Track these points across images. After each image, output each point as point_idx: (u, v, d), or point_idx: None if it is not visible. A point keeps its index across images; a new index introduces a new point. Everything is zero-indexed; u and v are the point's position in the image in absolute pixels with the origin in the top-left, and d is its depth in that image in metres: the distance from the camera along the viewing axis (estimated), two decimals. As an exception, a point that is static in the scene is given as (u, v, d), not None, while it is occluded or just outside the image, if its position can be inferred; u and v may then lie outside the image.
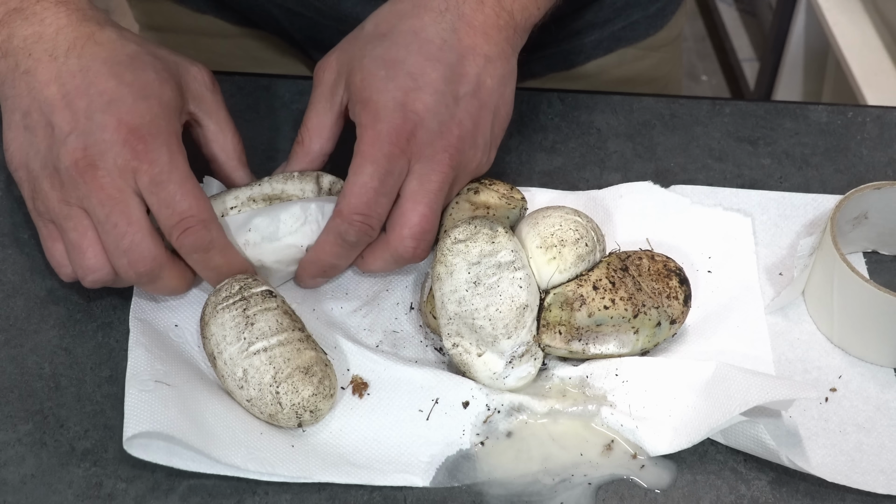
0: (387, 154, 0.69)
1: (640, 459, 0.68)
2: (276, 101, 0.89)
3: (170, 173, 0.67)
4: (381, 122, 0.69)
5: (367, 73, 0.70)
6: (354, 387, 0.71)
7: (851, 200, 0.76)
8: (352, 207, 0.69)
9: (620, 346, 0.71)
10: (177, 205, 0.67)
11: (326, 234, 0.72)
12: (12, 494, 0.65)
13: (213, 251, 0.69)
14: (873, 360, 0.75)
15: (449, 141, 0.71)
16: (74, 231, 0.68)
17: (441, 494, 0.67)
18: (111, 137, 0.66)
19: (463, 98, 0.71)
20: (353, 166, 0.70)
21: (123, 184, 0.66)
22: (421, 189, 0.70)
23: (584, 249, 0.71)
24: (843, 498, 0.68)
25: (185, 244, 0.68)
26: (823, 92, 2.02)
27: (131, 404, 0.65)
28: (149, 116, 0.67)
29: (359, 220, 0.70)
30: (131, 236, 0.66)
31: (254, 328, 0.68)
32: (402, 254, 0.71)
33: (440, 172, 0.70)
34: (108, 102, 0.67)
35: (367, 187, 0.69)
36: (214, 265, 0.70)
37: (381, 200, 0.70)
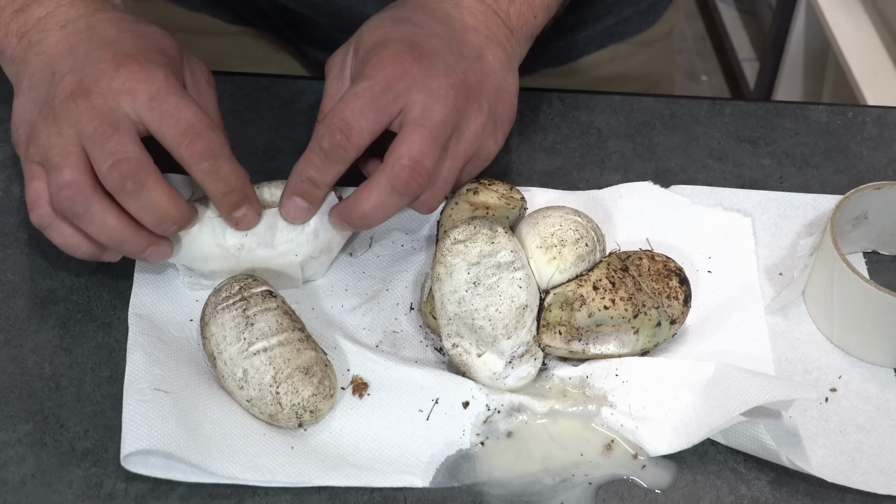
0: (386, 75, 0.68)
1: (641, 459, 0.68)
2: (276, 101, 0.89)
3: (168, 89, 0.67)
4: (387, 49, 0.69)
5: (374, 27, 0.71)
6: (354, 387, 0.71)
7: (851, 200, 0.76)
8: (335, 112, 0.68)
9: (620, 347, 0.71)
10: (180, 113, 0.66)
11: (310, 144, 0.70)
12: (12, 494, 0.65)
13: (222, 159, 0.68)
14: (873, 360, 0.75)
15: (454, 81, 0.70)
16: (58, 155, 0.67)
17: (441, 495, 0.66)
18: (106, 66, 0.67)
19: (466, 58, 0.72)
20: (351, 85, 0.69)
21: (116, 104, 0.66)
22: (423, 116, 0.69)
23: (584, 249, 0.71)
24: (843, 498, 0.68)
25: (195, 150, 0.67)
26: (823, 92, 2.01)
27: (129, 418, 0.65)
28: (145, 48, 0.69)
29: (338, 126, 0.68)
30: (118, 138, 0.66)
31: (254, 328, 0.68)
32: (399, 175, 0.68)
33: (444, 106, 0.69)
34: (107, 43, 0.69)
35: (357, 96, 0.68)
36: (224, 174, 0.68)
37: (368, 115, 0.68)
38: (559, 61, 0.99)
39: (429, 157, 0.69)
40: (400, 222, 0.80)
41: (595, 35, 0.98)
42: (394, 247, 0.79)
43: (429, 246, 0.79)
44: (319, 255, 0.74)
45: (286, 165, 0.83)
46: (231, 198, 0.70)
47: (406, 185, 0.69)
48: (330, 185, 0.71)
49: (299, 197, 0.72)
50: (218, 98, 0.75)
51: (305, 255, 0.74)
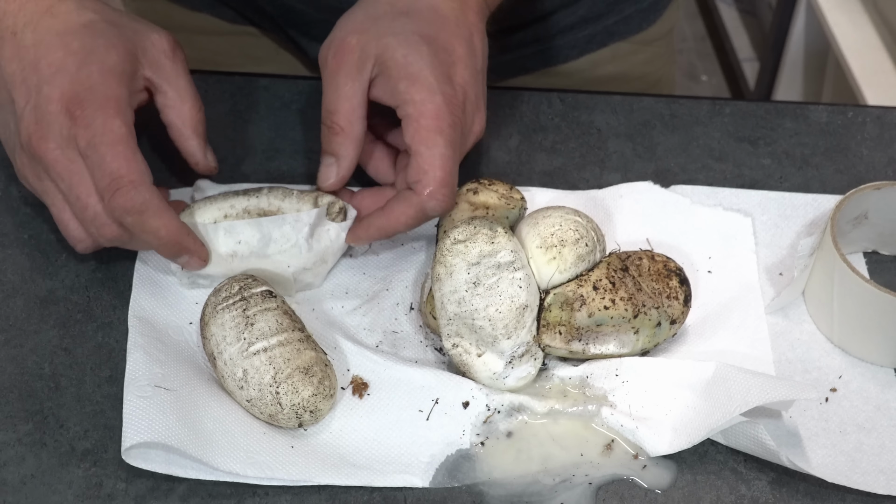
0: (451, 124, 0.70)
1: (641, 460, 0.68)
2: (276, 101, 0.89)
3: (102, 136, 0.67)
4: (439, 95, 0.70)
5: (408, 48, 0.71)
6: (354, 387, 0.71)
7: (851, 200, 0.76)
8: (439, 181, 0.70)
9: (620, 347, 0.71)
10: (106, 166, 0.67)
11: (406, 208, 0.71)
12: (12, 494, 0.65)
13: (147, 213, 0.67)
14: (873, 360, 0.75)
15: (482, 114, 0.74)
16: (54, 206, 0.70)
17: (441, 495, 0.66)
18: (55, 108, 0.68)
19: (479, 72, 0.74)
20: (426, 141, 0.70)
21: (73, 154, 0.67)
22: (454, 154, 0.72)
23: (584, 249, 0.71)
24: (843, 498, 0.68)
25: (115, 207, 0.67)
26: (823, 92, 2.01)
27: (129, 412, 0.65)
28: (88, 83, 0.68)
29: (445, 195, 0.70)
30: (92, 207, 0.67)
31: (254, 328, 0.68)
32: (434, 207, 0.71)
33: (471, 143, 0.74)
34: (54, 73, 0.68)
35: (447, 158, 0.70)
36: (150, 228, 0.68)
37: (457, 169, 0.71)
38: (559, 60, 0.99)
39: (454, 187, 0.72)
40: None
41: (596, 34, 0.98)
42: (394, 247, 0.79)
43: (429, 246, 0.79)
44: (313, 267, 0.74)
45: (286, 165, 0.84)
46: (166, 250, 0.70)
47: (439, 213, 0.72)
48: None
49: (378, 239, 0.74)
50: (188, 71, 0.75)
51: (298, 267, 0.73)
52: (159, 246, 0.70)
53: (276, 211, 0.74)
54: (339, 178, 0.74)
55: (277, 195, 0.74)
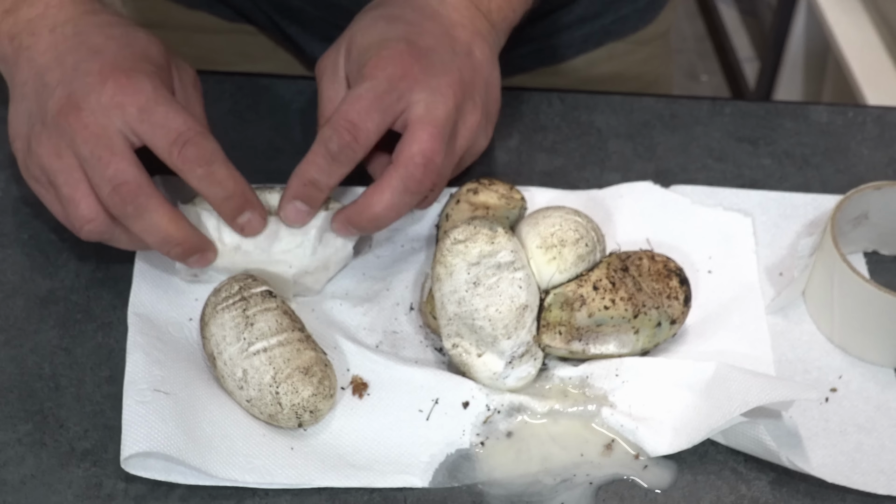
0: (388, 75, 0.69)
1: (641, 460, 0.68)
2: (276, 101, 0.89)
3: (157, 99, 0.67)
4: (385, 50, 0.69)
5: (366, 28, 0.71)
6: (354, 387, 0.71)
7: (851, 200, 0.76)
8: (340, 114, 0.68)
9: (621, 347, 0.71)
10: (171, 122, 0.67)
11: (313, 146, 0.70)
12: (12, 494, 0.65)
13: (216, 163, 0.68)
14: (873, 360, 0.75)
15: (452, 78, 0.70)
16: (66, 185, 0.68)
17: (441, 495, 0.66)
18: (94, 80, 0.67)
19: (458, 55, 0.72)
20: (353, 87, 0.69)
21: (107, 121, 0.67)
22: (428, 115, 0.69)
23: (584, 249, 0.71)
24: (843, 498, 0.68)
25: (187, 157, 0.67)
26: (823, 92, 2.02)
27: (128, 420, 0.65)
28: (132, 59, 0.68)
29: (345, 128, 0.68)
30: (115, 164, 0.66)
31: (253, 328, 0.68)
32: (413, 174, 0.69)
33: (446, 104, 0.70)
34: (95, 52, 0.69)
35: (361, 97, 0.68)
36: (219, 178, 0.68)
37: (374, 116, 0.68)
38: (556, 59, 1.00)
39: (438, 154, 0.69)
40: (400, 222, 0.80)
41: (592, 33, 0.98)
42: (394, 247, 0.79)
43: (429, 246, 0.79)
44: (314, 272, 0.74)
45: (286, 166, 0.83)
46: (231, 203, 0.69)
47: (420, 183, 0.69)
48: (332, 188, 0.71)
49: (300, 201, 0.71)
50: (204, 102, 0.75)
51: (300, 269, 0.73)
52: (226, 198, 0.69)
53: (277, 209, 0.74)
54: None
55: (278, 193, 0.74)
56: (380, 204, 0.70)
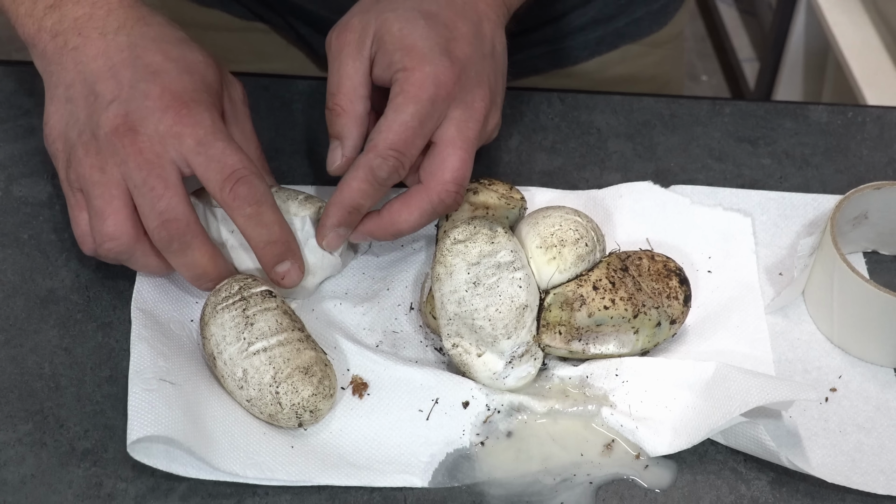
0: (432, 96, 0.68)
1: (641, 460, 0.68)
2: (276, 101, 0.89)
3: (215, 133, 0.67)
4: (429, 65, 0.69)
5: (405, 21, 0.70)
6: (354, 387, 0.71)
7: (851, 200, 0.76)
8: (388, 143, 0.68)
9: (620, 347, 0.71)
10: (227, 159, 0.67)
11: (355, 171, 0.69)
12: (12, 494, 0.65)
13: (265, 205, 0.68)
14: (873, 360, 0.75)
15: (484, 91, 0.71)
16: (100, 198, 0.67)
17: (441, 494, 0.66)
18: (154, 105, 0.67)
19: (486, 58, 0.72)
20: (394, 105, 0.69)
21: (162, 150, 0.67)
22: (459, 136, 0.69)
23: (584, 249, 0.71)
24: (843, 498, 0.68)
25: (239, 195, 0.67)
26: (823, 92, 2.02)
27: (135, 405, 0.65)
28: (192, 87, 0.69)
29: (393, 156, 0.68)
30: (168, 199, 0.66)
31: (253, 328, 0.68)
32: (444, 199, 0.69)
33: (476, 120, 0.70)
34: (153, 73, 0.68)
35: (408, 125, 0.68)
36: (267, 221, 0.68)
37: (417, 142, 0.69)
38: (569, 62, 1.00)
39: (468, 177, 0.70)
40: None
41: (606, 35, 0.98)
42: (394, 247, 0.79)
43: (429, 246, 0.79)
44: None
45: (286, 165, 0.84)
46: (273, 249, 0.69)
47: (448, 207, 0.70)
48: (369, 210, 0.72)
49: (342, 227, 0.71)
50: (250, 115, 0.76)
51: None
52: (269, 244, 0.69)
53: None
54: (345, 159, 0.72)
55: (281, 195, 0.74)
56: (406, 223, 0.70)
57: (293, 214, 0.73)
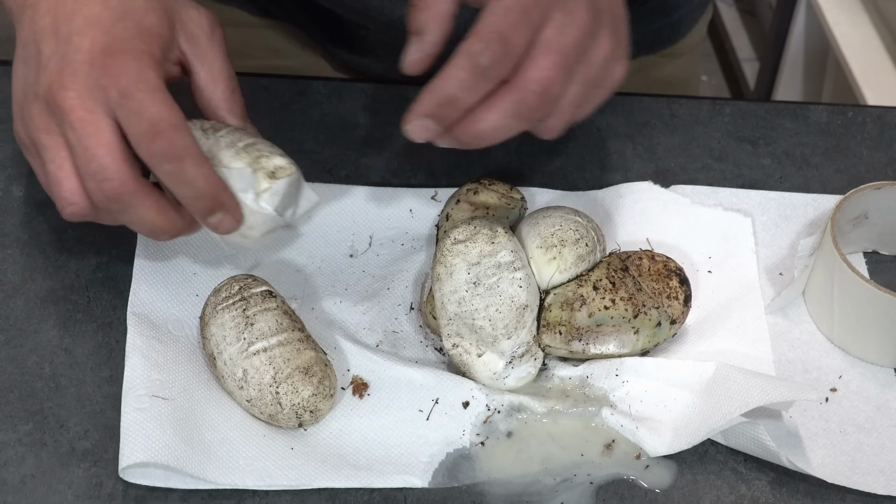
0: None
1: (642, 460, 0.68)
2: (276, 101, 0.89)
3: (137, 83, 0.64)
4: None
5: None
6: (354, 387, 0.71)
7: (851, 200, 0.76)
8: (490, 26, 0.63)
9: (620, 347, 0.71)
10: (145, 111, 0.63)
11: (454, 59, 0.63)
12: (12, 494, 0.65)
13: (187, 160, 0.64)
14: (873, 360, 0.75)
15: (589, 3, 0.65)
16: (52, 162, 0.66)
17: (441, 495, 0.66)
18: (83, 58, 0.65)
19: None
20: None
21: (94, 105, 0.64)
22: (556, 38, 0.64)
23: (584, 249, 0.71)
24: (843, 498, 0.68)
25: (155, 151, 0.63)
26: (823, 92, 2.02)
27: (127, 428, 0.65)
28: (123, 35, 0.66)
29: (496, 40, 0.62)
30: (100, 158, 0.64)
31: (253, 328, 0.68)
32: (526, 100, 0.64)
33: (577, 27, 0.64)
34: (87, 25, 0.66)
35: (510, 8, 0.63)
36: (189, 177, 0.64)
37: (521, 30, 0.63)
38: None
39: (557, 84, 0.64)
40: (400, 221, 0.80)
41: None
42: (394, 246, 0.79)
43: (429, 246, 0.79)
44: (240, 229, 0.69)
45: (286, 165, 0.84)
46: (200, 203, 0.66)
47: (533, 111, 0.65)
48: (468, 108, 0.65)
49: (432, 119, 0.65)
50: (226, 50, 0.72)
51: None
52: (194, 198, 0.66)
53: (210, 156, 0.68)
54: (423, 55, 0.67)
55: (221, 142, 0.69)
56: (486, 122, 0.65)
57: (224, 166, 0.68)
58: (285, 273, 0.77)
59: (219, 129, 0.69)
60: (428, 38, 0.67)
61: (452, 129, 0.66)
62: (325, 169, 0.84)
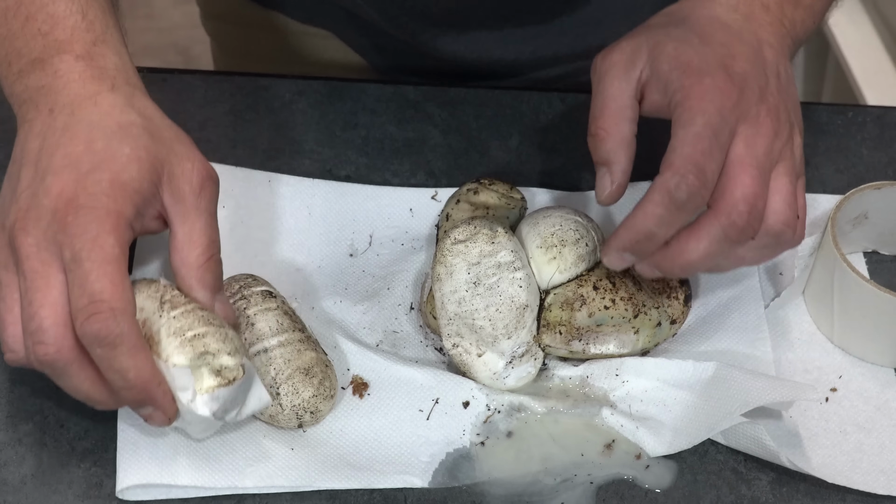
0: (719, 107, 0.63)
1: (642, 460, 0.68)
2: (276, 101, 0.89)
3: (90, 251, 0.59)
4: (708, 77, 0.64)
5: (679, 41, 0.66)
6: (354, 387, 0.71)
7: (851, 200, 0.76)
8: (685, 157, 0.62)
9: (621, 347, 0.71)
10: (88, 284, 0.59)
11: (650, 195, 0.63)
12: (12, 494, 0.65)
13: (120, 349, 0.59)
14: (873, 360, 0.75)
15: (769, 106, 0.66)
16: (3, 301, 0.62)
17: (441, 494, 0.66)
18: (49, 204, 0.61)
19: (769, 76, 0.67)
20: (682, 121, 0.64)
21: (49, 257, 0.60)
22: (748, 152, 0.64)
23: (584, 249, 0.71)
24: (843, 498, 0.68)
25: (88, 331, 0.59)
26: (823, 92, 2.01)
27: (123, 448, 0.65)
28: (93, 190, 0.61)
29: (692, 172, 0.62)
30: (40, 319, 0.59)
31: (254, 329, 0.68)
32: (735, 222, 0.63)
33: (765, 136, 0.65)
34: (65, 166, 0.62)
35: (701, 136, 0.62)
36: (119, 366, 0.59)
37: (715, 154, 0.63)
38: None
39: (762, 198, 0.64)
40: (400, 221, 0.80)
41: None
42: (394, 246, 0.79)
43: (429, 246, 0.79)
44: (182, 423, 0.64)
45: (286, 166, 0.84)
46: (128, 394, 0.61)
47: (742, 232, 0.64)
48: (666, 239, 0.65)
49: (630, 252, 0.66)
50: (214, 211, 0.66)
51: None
52: (122, 388, 0.60)
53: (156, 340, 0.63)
54: (616, 185, 0.67)
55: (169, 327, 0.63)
56: (696, 252, 0.64)
57: (163, 360, 0.62)
58: (285, 273, 0.77)
59: (177, 305, 0.63)
60: (617, 168, 0.67)
61: (659, 261, 0.66)
62: (325, 169, 0.84)
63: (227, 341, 0.63)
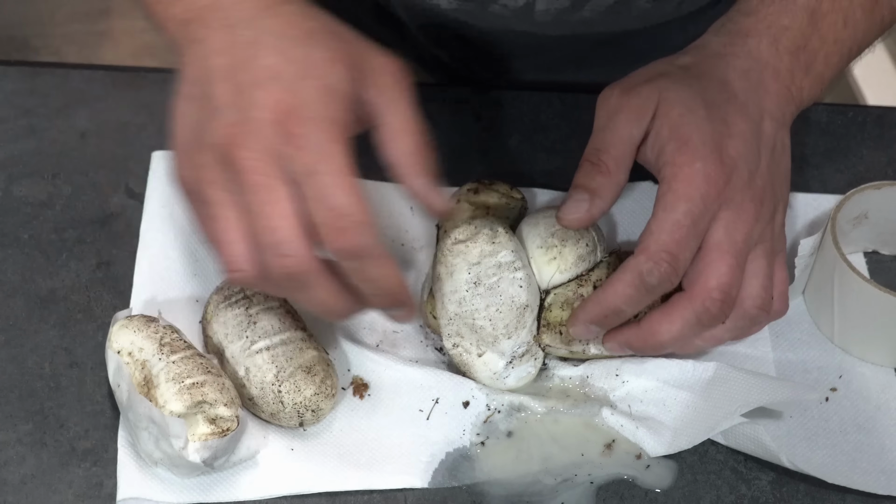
0: (703, 194, 0.65)
1: (642, 460, 0.68)
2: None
3: (323, 162, 0.59)
4: (699, 162, 0.65)
5: (686, 108, 0.67)
6: (355, 388, 0.71)
7: (851, 200, 0.76)
8: (661, 244, 0.64)
9: (621, 346, 0.71)
10: (331, 198, 0.59)
11: (622, 274, 0.65)
12: (12, 494, 0.65)
13: (370, 260, 0.60)
14: (873, 360, 0.75)
15: (755, 191, 0.67)
16: (218, 221, 0.60)
17: (441, 494, 0.66)
18: (266, 117, 0.59)
19: (763, 155, 0.68)
20: (664, 203, 0.65)
21: (274, 170, 0.59)
22: (727, 239, 0.65)
23: (584, 249, 0.71)
24: (843, 498, 0.68)
25: (339, 247, 0.59)
26: (823, 92, 2.02)
27: (123, 461, 0.65)
28: (307, 99, 0.60)
29: (666, 260, 0.64)
30: (279, 231, 0.59)
31: (256, 327, 0.68)
32: (708, 308, 0.65)
33: (746, 223, 0.66)
34: (269, 79, 0.60)
35: (680, 225, 0.64)
36: (371, 276, 0.61)
37: (691, 243, 0.65)
38: None
39: (736, 287, 0.66)
40: (400, 222, 0.80)
41: None
42: (393, 246, 0.79)
43: (429, 246, 0.79)
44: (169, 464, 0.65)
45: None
46: (379, 300, 0.64)
47: (715, 318, 0.66)
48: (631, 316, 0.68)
49: (596, 325, 0.68)
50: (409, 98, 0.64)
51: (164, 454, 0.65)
52: (374, 295, 0.63)
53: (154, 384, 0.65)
54: (589, 216, 0.68)
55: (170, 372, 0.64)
56: (669, 333, 0.66)
57: (160, 406, 0.63)
58: (285, 273, 0.76)
59: (176, 350, 0.65)
60: (598, 203, 0.68)
61: (631, 340, 0.68)
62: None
63: (225, 391, 0.64)
